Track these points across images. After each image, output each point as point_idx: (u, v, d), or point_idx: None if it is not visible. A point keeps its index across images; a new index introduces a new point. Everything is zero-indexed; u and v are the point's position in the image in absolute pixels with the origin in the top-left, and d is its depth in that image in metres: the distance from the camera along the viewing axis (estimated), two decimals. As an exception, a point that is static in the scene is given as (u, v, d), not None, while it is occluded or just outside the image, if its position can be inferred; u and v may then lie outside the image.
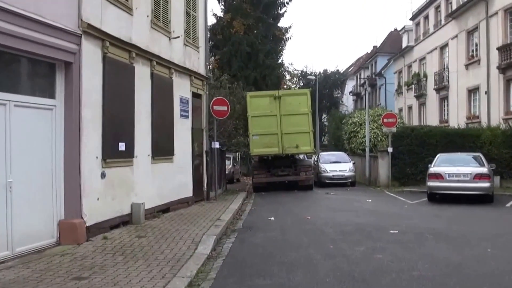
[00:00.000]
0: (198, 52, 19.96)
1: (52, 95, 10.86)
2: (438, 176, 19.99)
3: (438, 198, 20.47)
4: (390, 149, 28.30)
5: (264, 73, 45.17)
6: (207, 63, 20.69)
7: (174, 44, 17.24)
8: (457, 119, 35.36)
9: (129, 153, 13.74)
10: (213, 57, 46.32)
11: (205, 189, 20.46)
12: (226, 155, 34.98)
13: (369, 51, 73.31)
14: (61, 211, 10.98)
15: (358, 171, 32.14)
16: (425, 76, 43.40)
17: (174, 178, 17.05)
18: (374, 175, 30.72)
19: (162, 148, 16.05)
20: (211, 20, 47.07)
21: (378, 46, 63.84)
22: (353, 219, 15.58)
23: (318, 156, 33.55)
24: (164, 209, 16.14)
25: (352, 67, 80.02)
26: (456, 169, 19.88)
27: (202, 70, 20.27)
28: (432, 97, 41.93)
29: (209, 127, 22.00)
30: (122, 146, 13.27)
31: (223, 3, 46.63)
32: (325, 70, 71.24)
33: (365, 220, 15.50)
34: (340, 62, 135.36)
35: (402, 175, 28.46)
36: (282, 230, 13.86)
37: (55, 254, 10.06)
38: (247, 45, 44.40)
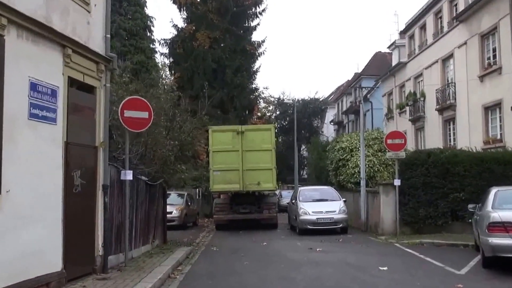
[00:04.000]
0: (89, 12, 10.92)
1: None
2: (508, 228, 10.90)
3: (498, 261, 11.46)
4: (397, 182, 19.42)
5: (233, 93, 36.62)
6: (108, 35, 11.57)
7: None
8: (469, 144, 26.26)
9: None
10: (172, 75, 37.73)
11: (100, 253, 11.13)
12: (177, 192, 26.54)
13: (350, 78, 64.91)
14: None
15: (349, 211, 23.05)
16: (423, 95, 34.75)
17: (2, 242, 7.88)
18: (374, 218, 21.63)
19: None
20: (170, 31, 38.73)
21: (362, 70, 55.27)
22: None
23: (297, 192, 24.49)
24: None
25: (332, 96, 71.41)
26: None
27: (97, 45, 11.19)
28: (433, 119, 33.19)
29: (117, 146, 12.99)
30: None
31: (184, 12, 37.94)
32: (304, 99, 62.59)
33: None
34: (319, 91, 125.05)
35: (415, 218, 19.46)
36: None
37: None
38: (213, 60, 35.90)
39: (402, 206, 19.62)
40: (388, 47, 44.09)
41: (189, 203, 26.82)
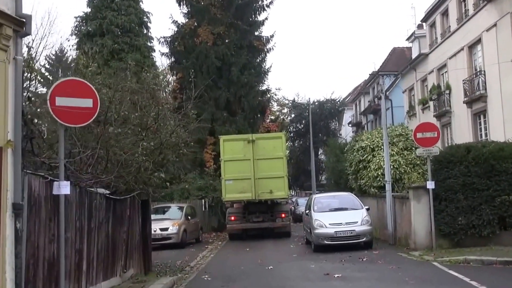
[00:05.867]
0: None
1: None
2: None
3: None
4: (430, 185, 15.55)
5: (240, 93, 32.97)
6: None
7: None
8: (504, 138, 22.28)
9: None
10: (174, 75, 34.28)
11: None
12: (177, 205, 23.72)
13: (366, 78, 60.65)
14: None
15: (373, 221, 19.10)
16: (448, 87, 30.80)
17: None
18: (403, 228, 17.67)
19: None
20: (170, 27, 35.33)
21: (379, 67, 50.98)
22: None
23: (311, 200, 20.59)
24: None
25: (349, 96, 67.18)
26: None
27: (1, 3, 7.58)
28: (461, 113, 29.17)
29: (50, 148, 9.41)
30: None
31: (185, 6, 34.50)
32: (319, 100, 58.47)
33: None
34: (335, 92, 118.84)
35: (455, 228, 15.46)
36: None
37: None
38: (217, 57, 32.27)
39: (438, 214, 15.65)
40: (407, 39, 40.00)
41: (189, 217, 22.98)
